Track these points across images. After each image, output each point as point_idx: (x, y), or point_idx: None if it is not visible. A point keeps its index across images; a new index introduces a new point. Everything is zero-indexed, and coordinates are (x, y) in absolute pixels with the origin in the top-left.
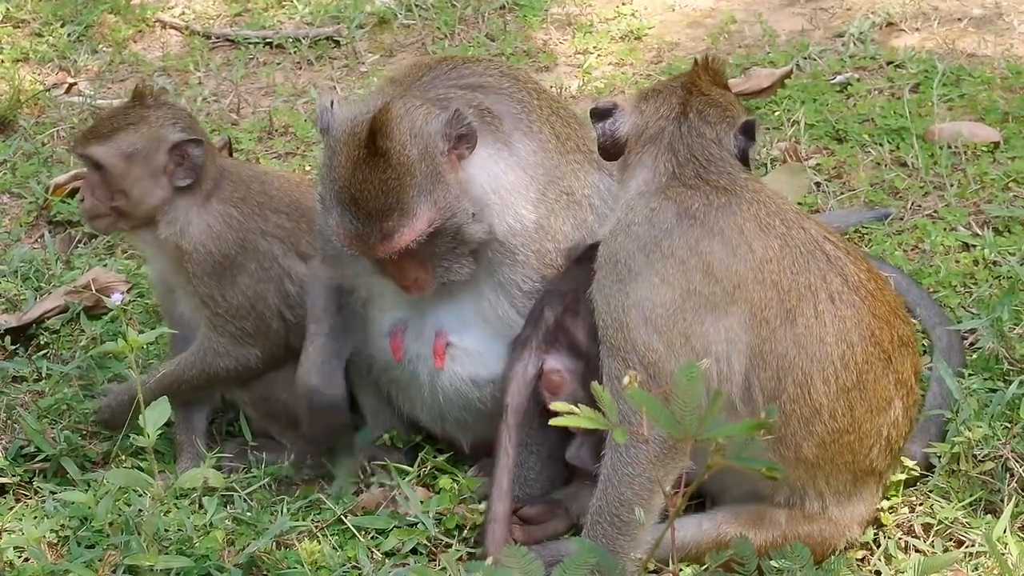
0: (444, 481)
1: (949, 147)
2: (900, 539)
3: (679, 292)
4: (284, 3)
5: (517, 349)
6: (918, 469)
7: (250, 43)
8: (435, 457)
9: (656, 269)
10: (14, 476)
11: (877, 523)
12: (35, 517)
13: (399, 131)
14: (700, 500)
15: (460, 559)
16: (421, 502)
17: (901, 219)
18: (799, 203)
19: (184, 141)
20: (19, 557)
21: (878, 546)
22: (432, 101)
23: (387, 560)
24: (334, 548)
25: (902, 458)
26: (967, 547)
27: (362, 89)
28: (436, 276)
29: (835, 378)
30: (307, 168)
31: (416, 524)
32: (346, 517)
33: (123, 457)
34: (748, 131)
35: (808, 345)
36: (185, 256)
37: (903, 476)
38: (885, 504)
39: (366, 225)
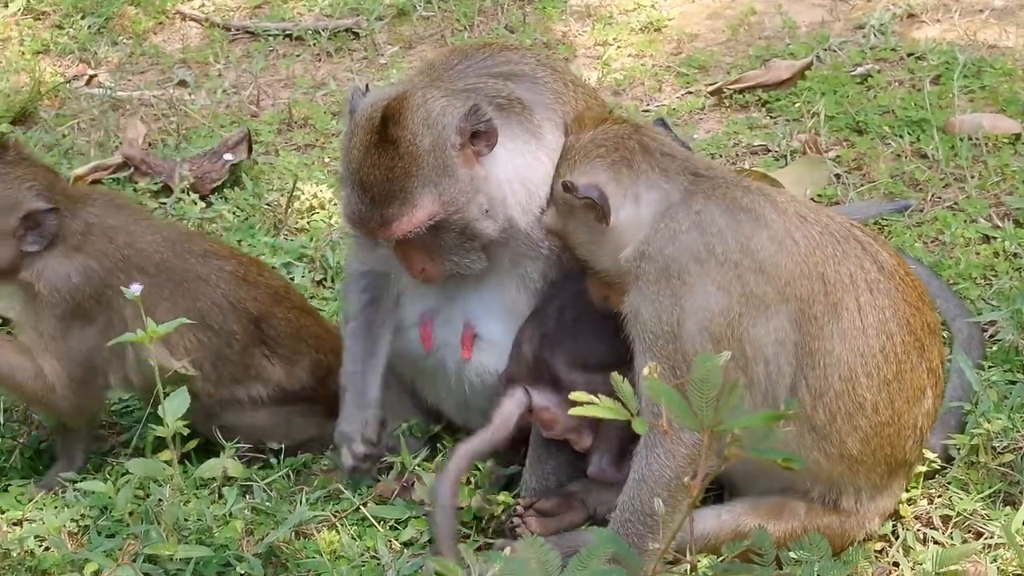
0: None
1: (969, 139)
2: (919, 531)
3: (736, 297)
4: None
5: (505, 385)
6: (938, 461)
7: (270, 35)
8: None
9: (712, 277)
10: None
11: (896, 515)
12: (55, 507)
13: (412, 120)
14: (718, 491)
15: (478, 549)
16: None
17: (921, 211)
18: (819, 195)
19: (39, 210)
20: (40, 546)
21: (896, 538)
22: (458, 92)
23: (405, 550)
24: (353, 538)
25: (923, 450)
26: (986, 539)
27: (381, 81)
28: (445, 268)
29: (877, 371)
30: (326, 160)
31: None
32: (365, 507)
33: (141, 447)
34: (664, 124)
35: (852, 339)
36: (38, 297)
37: (923, 468)
38: (904, 496)
39: (368, 209)
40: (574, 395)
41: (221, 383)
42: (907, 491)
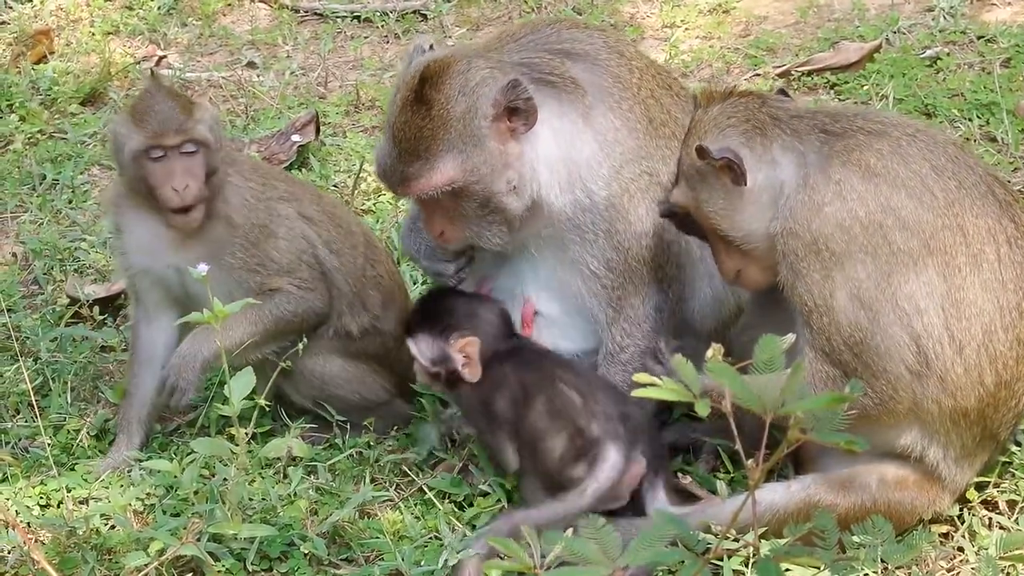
0: None
1: None
2: (984, 516)
3: (884, 257)
4: None
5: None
6: (1010, 446)
7: (338, 17)
8: None
9: (859, 242)
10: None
11: (962, 499)
12: (121, 485)
13: (449, 85)
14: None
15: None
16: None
17: None
18: None
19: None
20: (105, 524)
21: (962, 522)
22: (507, 65)
23: (468, 530)
24: (416, 518)
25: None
26: None
27: None
28: (464, 236)
29: (1013, 327)
30: None
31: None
32: (428, 487)
33: (207, 426)
34: (784, 94)
35: (994, 290)
36: (235, 229)
37: (1001, 458)
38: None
39: (393, 164)
40: (636, 377)
41: (351, 292)
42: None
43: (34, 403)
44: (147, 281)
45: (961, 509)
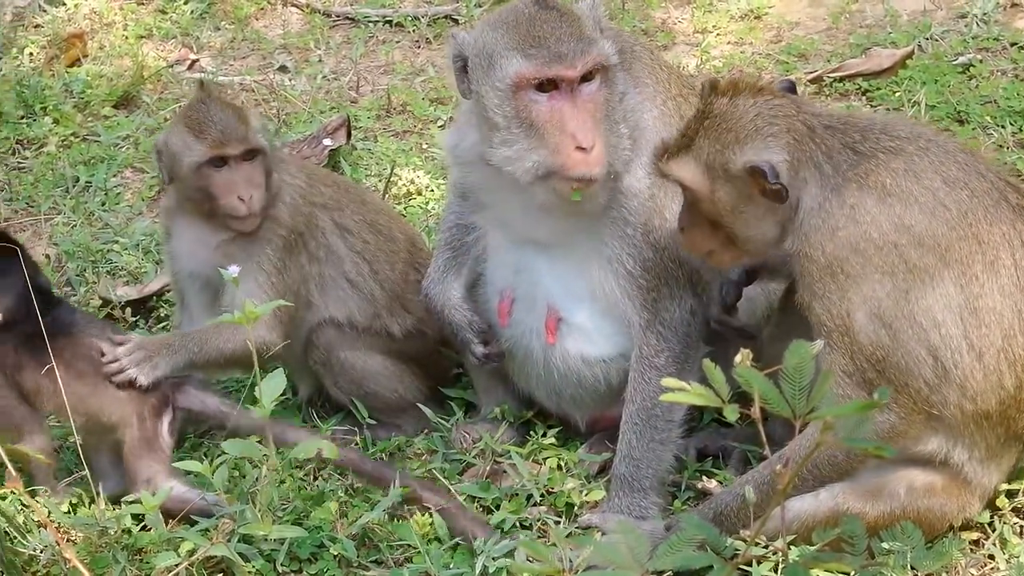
0: (552, 461)
1: None
2: (1015, 524)
3: (901, 275)
4: None
5: None
6: None
7: (370, 21)
8: (543, 435)
9: (875, 264)
10: None
11: (993, 506)
12: None
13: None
14: None
15: (569, 535)
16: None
17: None
18: None
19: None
20: (137, 525)
21: (993, 530)
22: None
23: (497, 534)
24: (445, 520)
25: None
26: None
27: None
28: (603, 147)
29: None
30: (424, 146)
31: (530, 497)
32: (457, 491)
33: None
34: (791, 86)
35: (1012, 294)
36: (279, 227)
37: None
38: (1003, 487)
39: (558, 45)
40: (665, 382)
41: (387, 296)
42: (1007, 482)
43: (67, 404)
44: (196, 285)
45: (992, 516)
